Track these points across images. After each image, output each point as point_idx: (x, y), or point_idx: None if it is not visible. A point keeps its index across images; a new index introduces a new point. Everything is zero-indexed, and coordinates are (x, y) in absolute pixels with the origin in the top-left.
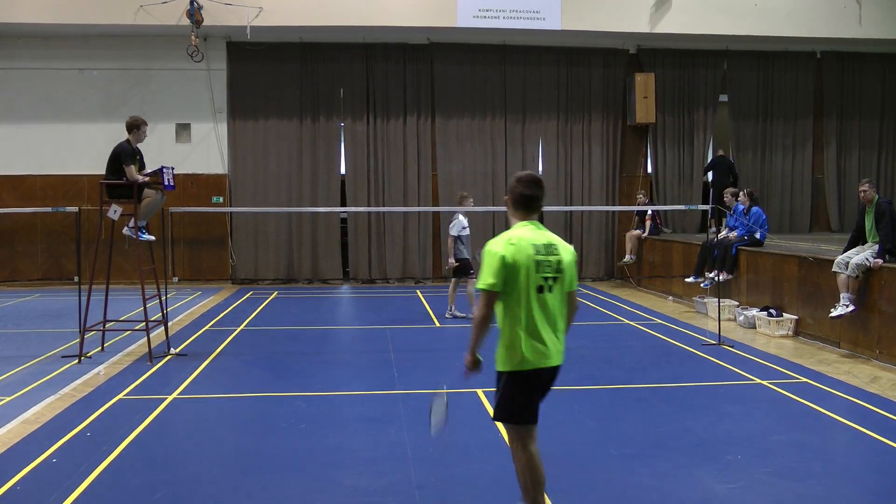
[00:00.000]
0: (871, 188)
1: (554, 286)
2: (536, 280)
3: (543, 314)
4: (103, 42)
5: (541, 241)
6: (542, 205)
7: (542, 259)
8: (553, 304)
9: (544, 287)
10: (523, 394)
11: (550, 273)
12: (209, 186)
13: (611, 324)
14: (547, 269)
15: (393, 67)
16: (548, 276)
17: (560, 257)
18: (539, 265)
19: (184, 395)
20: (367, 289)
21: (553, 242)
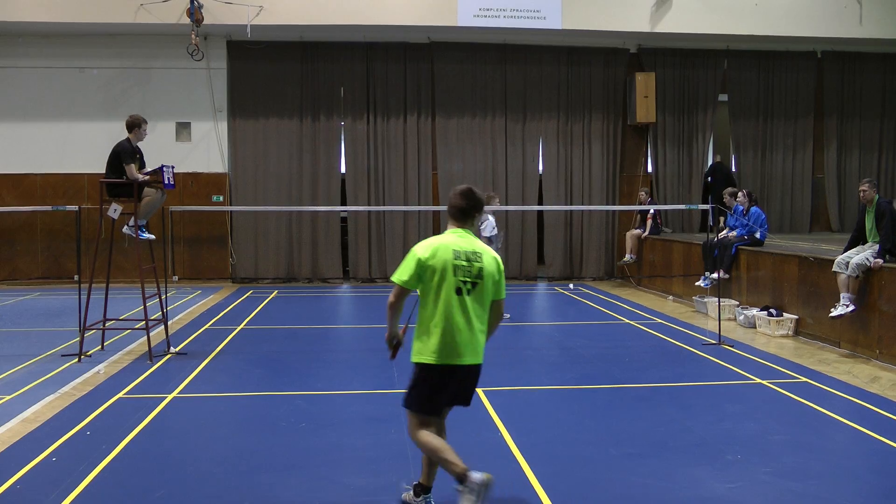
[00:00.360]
0: (871, 188)
1: (473, 290)
2: (454, 283)
3: (460, 315)
4: (104, 41)
5: (464, 248)
6: (474, 215)
7: (460, 264)
8: (472, 307)
9: (462, 290)
10: (429, 386)
11: (469, 278)
12: (209, 185)
13: (611, 323)
14: (466, 273)
15: (393, 66)
16: (466, 280)
17: (482, 265)
18: (457, 269)
19: (184, 393)
20: (367, 288)
21: (477, 251)
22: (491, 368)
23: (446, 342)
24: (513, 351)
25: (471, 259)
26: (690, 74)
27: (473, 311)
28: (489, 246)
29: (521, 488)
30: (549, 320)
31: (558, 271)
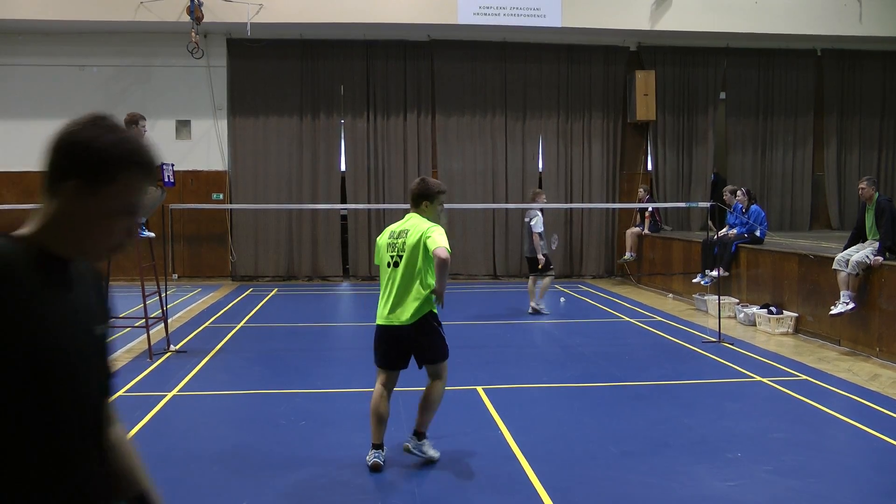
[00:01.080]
0: (870, 186)
1: (401, 262)
2: (386, 258)
3: (392, 284)
4: (103, 39)
5: (398, 228)
6: (418, 202)
7: (392, 241)
8: (401, 276)
9: (390, 263)
10: (378, 342)
11: (396, 252)
12: (209, 183)
13: (611, 321)
14: (394, 249)
15: (393, 64)
16: (393, 255)
17: (406, 241)
18: (389, 246)
19: (183, 391)
20: (367, 286)
21: (406, 229)
22: (490, 366)
23: (385, 307)
24: (512, 349)
25: (399, 237)
26: (690, 72)
27: (404, 279)
28: (540, 242)
29: (520, 486)
30: (548, 318)
31: (558, 269)
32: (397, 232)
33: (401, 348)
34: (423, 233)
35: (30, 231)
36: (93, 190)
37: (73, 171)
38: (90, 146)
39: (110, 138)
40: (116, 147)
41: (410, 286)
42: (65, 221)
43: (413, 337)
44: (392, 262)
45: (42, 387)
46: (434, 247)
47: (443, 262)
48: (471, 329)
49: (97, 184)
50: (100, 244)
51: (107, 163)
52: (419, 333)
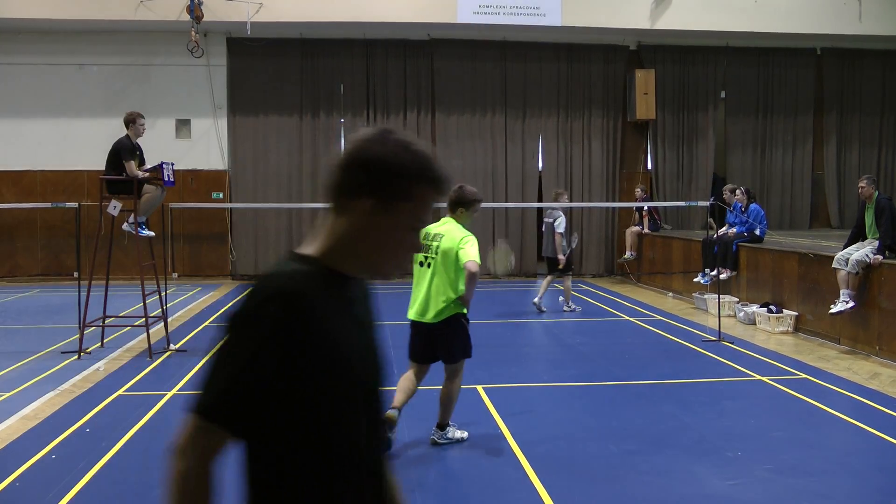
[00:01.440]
0: (870, 185)
1: (433, 263)
2: (419, 257)
3: (423, 284)
4: (103, 38)
5: (433, 231)
6: (454, 208)
7: (426, 243)
8: (430, 277)
9: (423, 263)
10: (410, 337)
11: (430, 254)
12: (209, 182)
13: (611, 320)
14: (427, 250)
15: (393, 63)
16: (427, 256)
17: (440, 245)
18: (423, 247)
19: (183, 391)
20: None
21: (441, 233)
22: (490, 365)
23: (413, 304)
24: (512, 348)
25: (433, 240)
26: (690, 71)
27: (432, 280)
28: (562, 241)
29: (520, 485)
30: (548, 317)
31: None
32: (432, 234)
33: (428, 344)
34: (458, 243)
35: (317, 250)
36: (387, 207)
37: (368, 188)
38: (385, 163)
39: (405, 155)
40: (412, 164)
41: (440, 289)
42: (356, 239)
43: (439, 334)
44: (425, 262)
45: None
46: (465, 260)
47: (472, 275)
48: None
49: (392, 201)
50: (389, 261)
51: (402, 179)
52: (446, 330)
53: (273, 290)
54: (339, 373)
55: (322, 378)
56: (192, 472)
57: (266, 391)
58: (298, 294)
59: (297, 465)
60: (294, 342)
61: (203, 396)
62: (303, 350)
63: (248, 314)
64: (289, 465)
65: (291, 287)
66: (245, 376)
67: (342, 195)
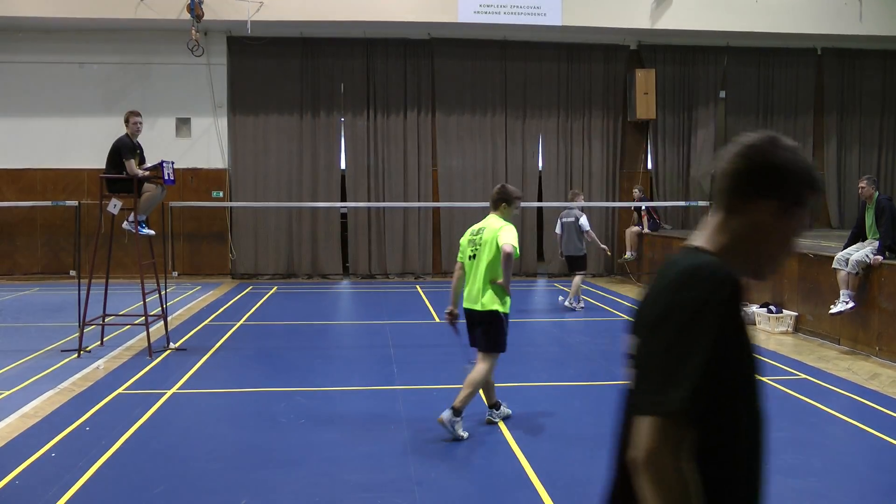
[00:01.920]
0: (870, 185)
1: (480, 256)
2: (468, 252)
3: (472, 275)
4: (103, 36)
5: (477, 227)
6: (497, 205)
7: (472, 238)
8: (478, 268)
9: (471, 256)
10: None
11: (475, 248)
12: (209, 181)
13: (611, 320)
14: (473, 245)
15: (393, 63)
16: (473, 250)
17: (482, 237)
18: (470, 243)
19: (183, 389)
20: (367, 284)
21: (483, 227)
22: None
23: (466, 293)
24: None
25: (478, 234)
26: (690, 71)
27: (480, 272)
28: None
29: (520, 485)
30: (549, 317)
31: (558, 268)
32: (476, 230)
33: (472, 329)
34: (497, 231)
35: (712, 246)
36: (787, 211)
37: (772, 192)
38: (790, 169)
39: (800, 162)
40: (806, 170)
41: (485, 277)
42: (751, 239)
43: (480, 322)
44: (471, 255)
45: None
46: (502, 242)
47: (507, 255)
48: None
49: (792, 205)
50: (774, 262)
51: (802, 185)
52: (486, 321)
53: (721, 276)
54: (750, 357)
55: (742, 362)
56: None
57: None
58: (739, 280)
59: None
60: (737, 326)
61: (667, 395)
62: (739, 334)
63: (699, 301)
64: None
65: (733, 273)
66: (707, 365)
67: (738, 197)
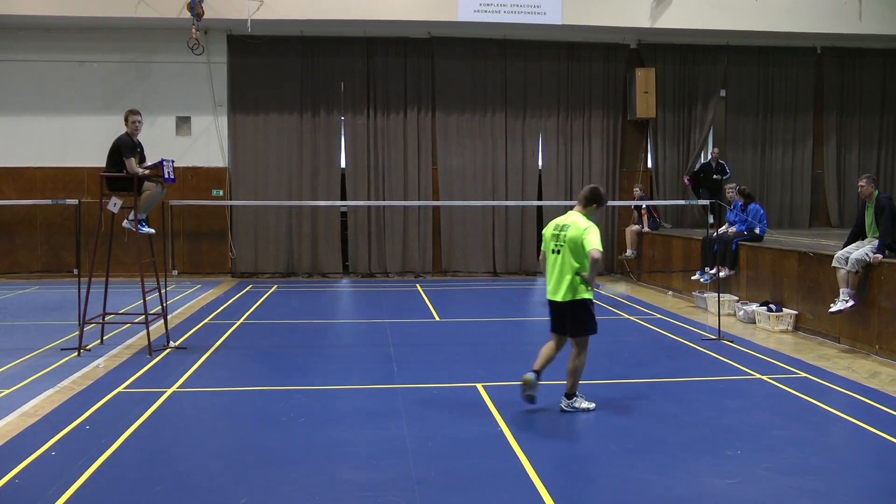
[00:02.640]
0: (870, 183)
1: (561, 251)
2: (551, 245)
3: (554, 268)
4: (104, 35)
5: (561, 222)
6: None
7: (555, 233)
8: (560, 263)
9: (554, 250)
10: (549, 312)
11: (558, 243)
12: (209, 179)
13: (610, 319)
14: (557, 240)
15: (393, 61)
16: (556, 244)
17: (567, 234)
18: (553, 237)
19: (183, 388)
20: (367, 283)
21: (568, 224)
22: (490, 363)
23: (548, 285)
24: (512, 346)
25: (562, 230)
26: (690, 70)
27: (563, 265)
28: None
29: (520, 483)
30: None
31: None
32: (560, 226)
33: (559, 319)
34: (582, 232)
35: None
36: None
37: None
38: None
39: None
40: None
41: (567, 272)
42: None
43: (569, 312)
44: (555, 249)
45: None
46: (590, 247)
47: (595, 260)
48: (470, 326)
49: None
50: None
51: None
52: (573, 311)
53: None
54: None
55: None
56: None
57: None
58: None
59: None
60: None
61: None
62: None
63: None
64: None
65: None
66: None
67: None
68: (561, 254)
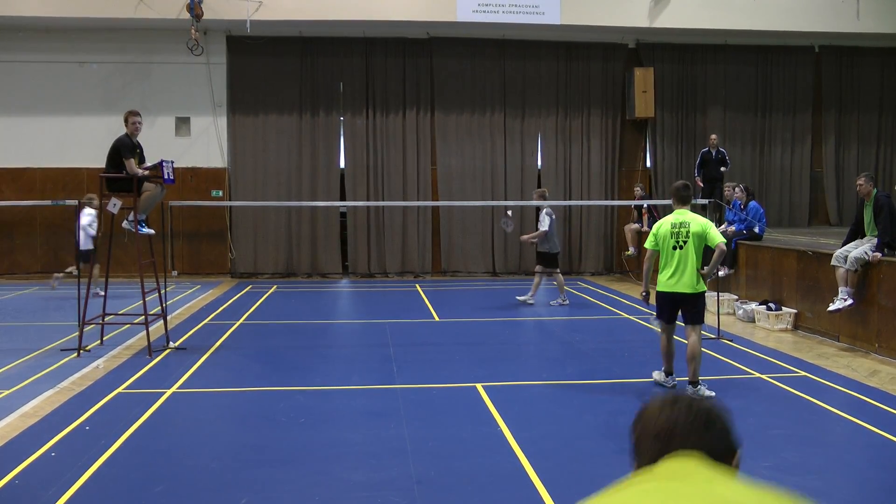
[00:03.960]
0: (868, 182)
1: (685, 246)
2: (671, 242)
3: (676, 261)
4: (103, 35)
5: (678, 220)
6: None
7: (674, 231)
8: (688, 257)
9: (675, 246)
10: (661, 303)
11: (680, 239)
12: (209, 180)
13: (610, 318)
14: (678, 237)
15: (392, 62)
16: (678, 241)
17: (689, 229)
18: (672, 234)
19: (183, 388)
20: (367, 283)
21: (687, 221)
22: (490, 363)
23: (667, 278)
24: (512, 346)
25: (682, 226)
26: (689, 69)
27: (687, 258)
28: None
29: (519, 483)
30: (548, 315)
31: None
32: (678, 223)
33: (676, 308)
34: (705, 227)
35: None
36: None
37: None
38: None
39: None
40: None
41: (689, 264)
42: None
43: (689, 303)
44: (677, 245)
45: None
46: (717, 241)
47: (722, 251)
48: (470, 326)
49: None
50: None
51: None
52: (694, 301)
53: None
54: None
55: None
56: None
57: None
58: None
59: None
60: None
61: None
62: None
63: None
64: None
65: None
66: None
67: None
68: (685, 248)
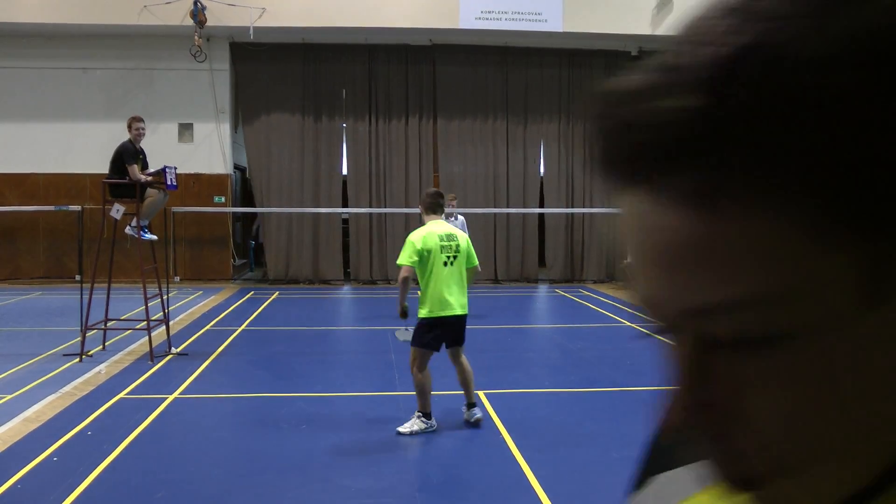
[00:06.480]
0: None
1: (456, 262)
2: (441, 258)
3: (450, 281)
4: (106, 42)
5: (445, 231)
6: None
7: (444, 244)
8: (459, 273)
9: (447, 262)
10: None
11: (451, 253)
12: (211, 186)
13: (611, 326)
14: (448, 250)
15: (395, 68)
16: (449, 256)
17: (458, 243)
18: (442, 248)
19: (185, 394)
20: (369, 289)
21: (452, 233)
22: (492, 371)
23: (439, 300)
24: (514, 353)
25: (451, 240)
26: None
27: (457, 277)
28: None
29: (522, 491)
30: (550, 323)
31: (559, 274)
32: (447, 235)
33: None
34: (468, 242)
35: None
36: None
37: None
38: None
39: None
40: None
41: (463, 282)
42: None
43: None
44: (448, 261)
45: None
46: (476, 261)
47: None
48: (472, 333)
49: None
50: None
51: None
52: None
53: None
54: None
55: None
56: None
57: None
58: None
59: None
60: None
61: None
62: None
63: None
64: None
65: None
66: None
67: None
68: (456, 265)
